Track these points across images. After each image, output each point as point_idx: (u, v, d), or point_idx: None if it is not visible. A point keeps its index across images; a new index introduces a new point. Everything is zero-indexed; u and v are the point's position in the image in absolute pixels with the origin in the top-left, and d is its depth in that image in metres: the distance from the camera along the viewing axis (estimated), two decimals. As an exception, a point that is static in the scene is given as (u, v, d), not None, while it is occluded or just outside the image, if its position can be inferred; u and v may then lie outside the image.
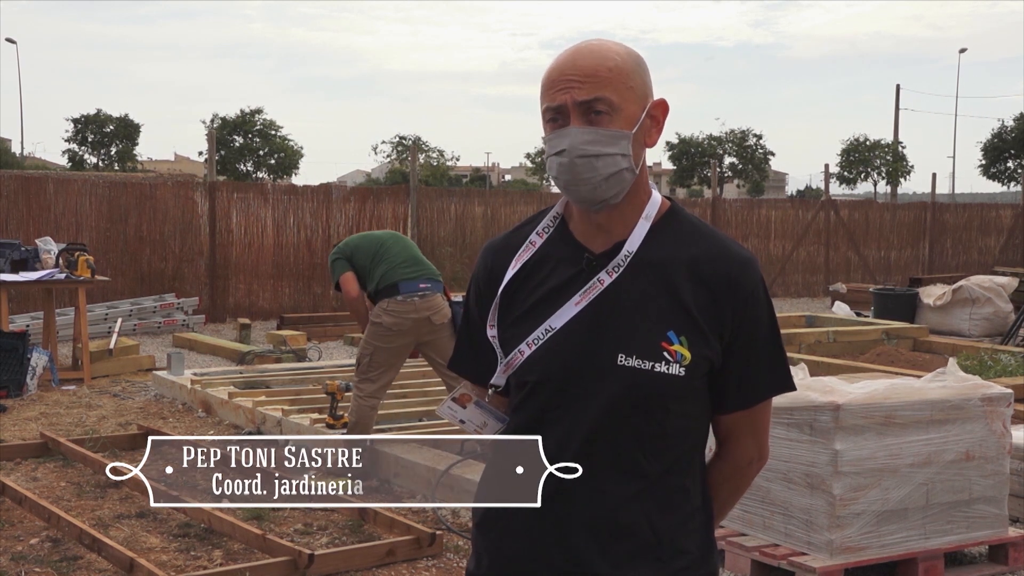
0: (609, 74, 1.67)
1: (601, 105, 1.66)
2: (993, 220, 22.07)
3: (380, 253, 6.01)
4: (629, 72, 1.69)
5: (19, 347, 8.48)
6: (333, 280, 6.14)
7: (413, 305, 5.86)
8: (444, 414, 1.84)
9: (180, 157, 68.03)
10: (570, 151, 1.67)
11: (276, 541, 4.58)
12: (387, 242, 6.11)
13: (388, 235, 6.28)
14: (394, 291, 5.87)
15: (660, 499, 1.70)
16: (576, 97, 1.66)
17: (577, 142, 1.66)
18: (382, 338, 5.89)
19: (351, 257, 6.05)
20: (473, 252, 15.79)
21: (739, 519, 4.64)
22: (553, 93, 1.68)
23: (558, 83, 1.68)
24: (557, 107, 1.68)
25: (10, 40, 50.95)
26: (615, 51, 1.70)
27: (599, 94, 1.66)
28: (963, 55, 67.72)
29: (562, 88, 1.67)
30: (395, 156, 52.01)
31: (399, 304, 5.85)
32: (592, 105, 1.66)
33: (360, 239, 6.20)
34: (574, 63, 1.68)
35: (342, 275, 6.03)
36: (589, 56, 1.68)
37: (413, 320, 5.85)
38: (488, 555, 1.79)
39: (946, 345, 11.29)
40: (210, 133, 16.76)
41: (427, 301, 5.91)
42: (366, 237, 6.22)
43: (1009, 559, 4.69)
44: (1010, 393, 4.72)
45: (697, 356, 1.68)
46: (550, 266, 1.75)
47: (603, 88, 1.66)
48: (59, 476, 6.07)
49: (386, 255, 6.00)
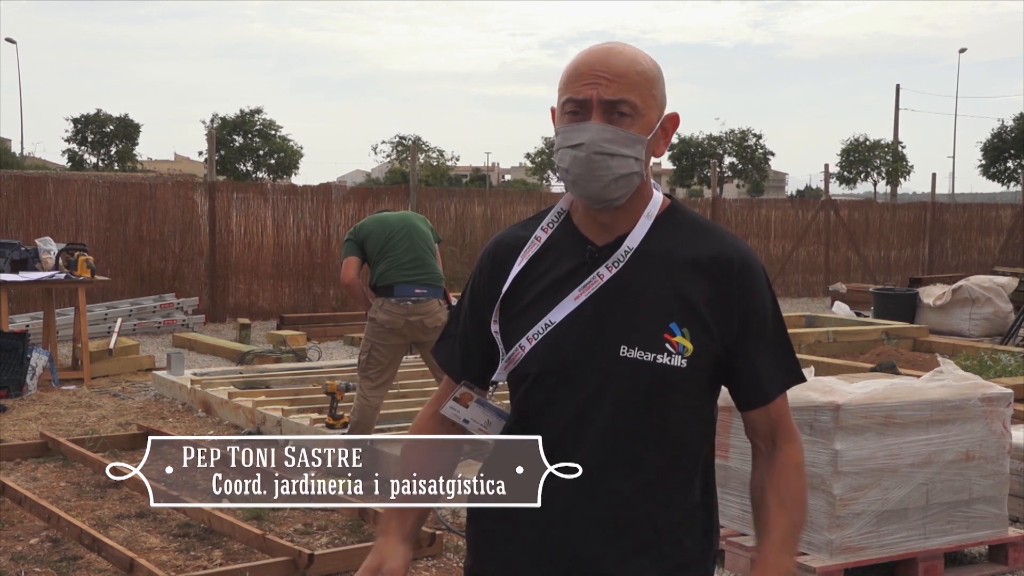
0: (638, 77, 1.69)
1: (625, 107, 1.68)
2: (993, 220, 22.08)
3: (387, 247, 5.95)
4: (654, 80, 1.72)
5: (19, 347, 8.48)
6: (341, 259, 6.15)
7: (406, 309, 5.88)
8: (447, 414, 1.84)
9: (180, 157, 68.01)
10: (588, 146, 1.68)
11: (276, 541, 4.58)
12: (397, 234, 6.00)
13: (400, 224, 6.09)
14: (389, 292, 5.89)
15: (661, 494, 1.70)
16: (603, 95, 1.67)
17: (597, 138, 1.67)
18: (378, 335, 5.91)
19: (363, 242, 6.02)
20: (473, 252, 15.80)
21: (739, 519, 4.64)
22: (579, 86, 1.69)
23: (586, 76, 1.69)
24: (581, 100, 1.69)
25: (10, 40, 50.97)
26: (644, 57, 1.73)
27: (626, 96, 1.68)
28: (963, 55, 67.76)
29: (590, 83, 1.68)
30: (395, 156, 51.96)
31: (392, 306, 5.87)
32: (617, 105, 1.68)
33: (375, 225, 6.08)
34: (605, 61, 1.69)
35: (346, 258, 6.02)
36: (620, 57, 1.70)
37: (406, 322, 5.87)
38: (486, 550, 1.79)
39: (946, 345, 11.29)
40: (210, 133, 16.77)
41: (420, 306, 5.91)
42: (380, 223, 6.09)
43: (1009, 559, 4.69)
44: (1010, 393, 4.73)
45: (699, 348, 1.68)
46: (553, 258, 1.77)
47: (631, 91, 1.68)
48: (59, 476, 6.07)
49: (392, 251, 5.94)
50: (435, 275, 6.06)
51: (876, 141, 50.49)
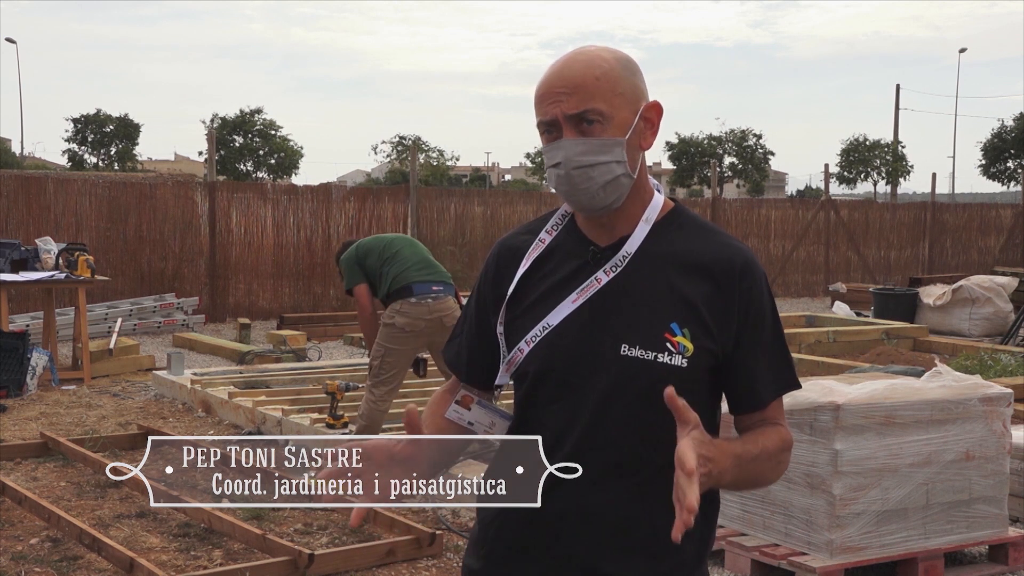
0: (597, 83, 1.68)
1: (591, 115, 1.67)
2: (993, 220, 22.07)
3: (390, 255, 5.99)
4: (617, 78, 1.70)
5: (19, 347, 8.48)
6: (346, 286, 6.13)
7: (427, 307, 5.85)
8: (452, 418, 1.84)
9: (180, 157, 67.99)
10: (565, 163, 1.69)
11: (276, 541, 4.58)
12: (396, 243, 6.09)
13: (397, 237, 6.26)
14: (407, 292, 5.85)
15: (660, 495, 1.70)
16: (566, 111, 1.68)
17: (571, 154, 1.68)
18: (395, 340, 5.86)
19: (363, 261, 6.02)
20: (473, 252, 15.81)
21: (739, 519, 4.64)
22: (544, 107, 1.70)
23: (548, 97, 1.69)
24: (549, 121, 1.70)
25: (10, 40, 50.96)
26: (602, 58, 1.71)
27: (588, 105, 1.67)
28: (963, 55, 67.70)
29: (552, 102, 1.69)
30: (395, 156, 51.96)
31: (412, 306, 5.83)
32: (583, 116, 1.68)
33: (370, 241, 6.16)
34: (561, 75, 1.69)
35: (357, 285, 6.01)
36: (576, 67, 1.69)
37: (426, 322, 5.84)
38: (486, 548, 1.80)
39: (946, 345, 11.29)
40: (210, 133, 16.77)
41: (440, 303, 5.90)
42: (375, 239, 6.18)
43: (1009, 559, 4.69)
44: (1010, 393, 4.73)
45: (699, 348, 1.68)
46: (556, 260, 1.78)
47: (592, 99, 1.67)
48: (59, 476, 6.07)
49: (397, 256, 5.98)
50: (446, 273, 6.10)
51: (876, 141, 50.51)
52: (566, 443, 1.70)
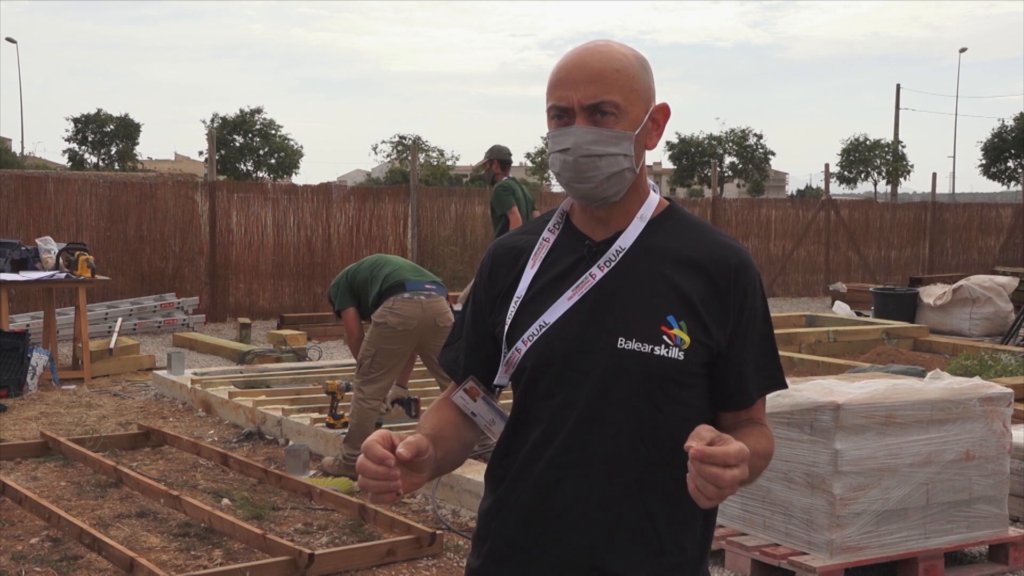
0: (616, 76, 1.70)
1: (607, 107, 1.69)
2: (993, 220, 22.08)
3: (382, 263, 6.20)
4: (635, 75, 1.72)
5: (19, 347, 8.48)
6: (335, 308, 6.31)
7: (420, 304, 5.89)
8: (457, 402, 1.85)
9: (180, 157, 68.04)
10: (574, 150, 1.70)
11: (276, 541, 4.58)
12: (386, 256, 6.34)
13: (382, 255, 6.47)
14: (400, 289, 5.92)
15: (659, 491, 1.70)
16: (583, 99, 1.69)
17: (581, 141, 1.69)
18: (386, 339, 5.89)
19: (352, 281, 6.18)
20: (473, 252, 15.81)
21: (739, 519, 4.64)
22: (560, 92, 1.71)
23: (565, 83, 1.71)
24: (564, 107, 1.71)
25: (10, 40, 51.00)
26: (622, 53, 1.73)
27: (605, 96, 1.69)
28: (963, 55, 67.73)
29: (569, 88, 1.70)
30: (395, 156, 51.96)
31: (404, 302, 5.87)
32: (598, 107, 1.69)
33: (356, 263, 6.39)
34: (582, 63, 1.71)
35: (345, 308, 6.20)
36: (597, 57, 1.71)
37: (419, 321, 5.87)
38: (487, 544, 1.80)
39: (946, 345, 11.29)
40: (210, 133, 16.75)
41: (433, 301, 5.94)
42: (362, 260, 6.41)
43: (1009, 559, 4.69)
44: (1010, 393, 4.73)
45: (696, 342, 1.69)
46: (554, 256, 1.79)
47: (610, 90, 1.69)
48: (59, 476, 6.07)
49: (388, 263, 6.17)
50: (437, 278, 6.18)
51: (876, 141, 50.51)
52: (561, 436, 1.70)
